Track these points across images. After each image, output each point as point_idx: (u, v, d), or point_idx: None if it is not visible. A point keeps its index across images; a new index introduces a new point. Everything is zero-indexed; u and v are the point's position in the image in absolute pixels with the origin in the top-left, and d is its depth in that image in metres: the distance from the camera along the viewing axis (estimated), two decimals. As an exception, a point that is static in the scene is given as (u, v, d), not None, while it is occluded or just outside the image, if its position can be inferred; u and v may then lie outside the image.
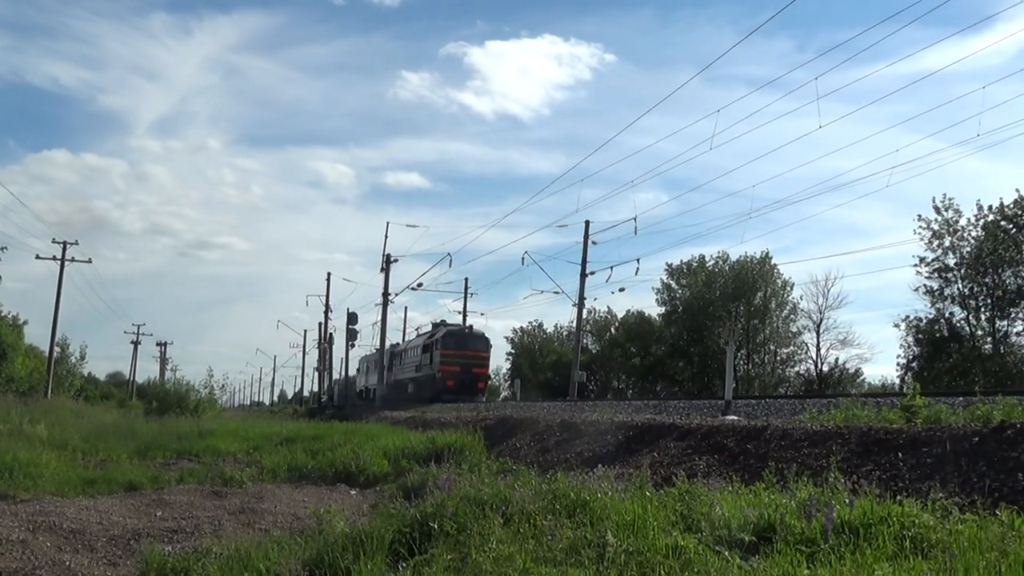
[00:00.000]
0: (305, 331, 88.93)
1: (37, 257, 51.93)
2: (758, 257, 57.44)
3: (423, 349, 47.59)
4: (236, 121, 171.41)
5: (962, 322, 41.84)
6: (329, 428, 25.59)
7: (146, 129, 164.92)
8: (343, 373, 64.63)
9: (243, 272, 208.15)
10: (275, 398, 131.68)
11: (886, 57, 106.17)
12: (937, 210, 41.31)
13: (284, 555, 7.64)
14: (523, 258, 43.02)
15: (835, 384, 49.43)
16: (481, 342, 45.90)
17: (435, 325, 49.71)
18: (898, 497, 6.76)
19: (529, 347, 77.23)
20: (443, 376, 43.13)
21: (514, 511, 7.48)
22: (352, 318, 58.05)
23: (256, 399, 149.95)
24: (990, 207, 39.53)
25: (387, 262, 50.72)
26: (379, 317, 51.92)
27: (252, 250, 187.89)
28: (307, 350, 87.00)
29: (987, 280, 40.33)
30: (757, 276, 57.49)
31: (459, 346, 44.20)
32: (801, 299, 56.14)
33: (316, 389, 74.05)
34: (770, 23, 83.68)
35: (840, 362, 52.80)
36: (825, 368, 53.11)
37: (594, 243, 42.39)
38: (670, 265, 61.01)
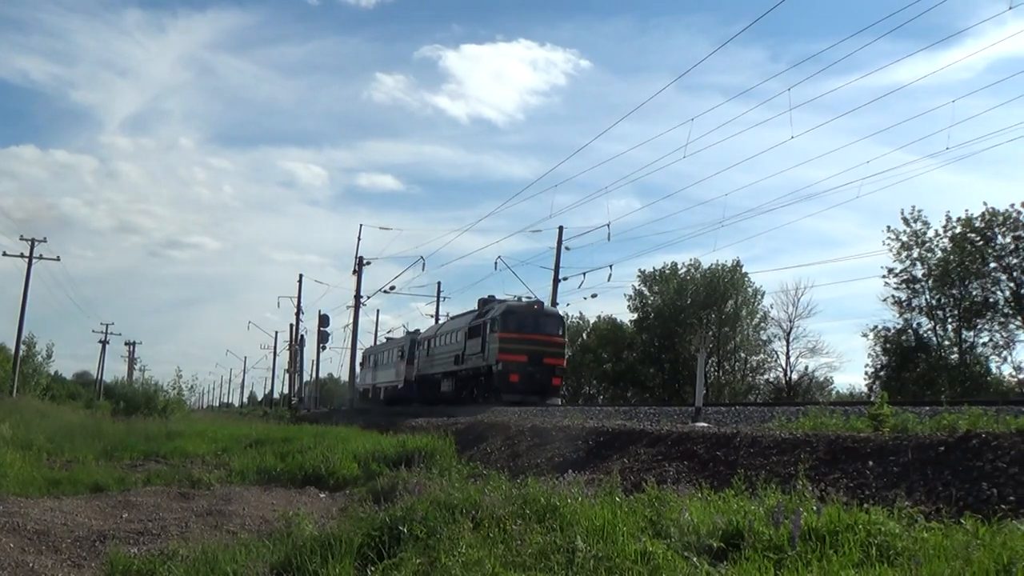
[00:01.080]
0: (276, 332, 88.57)
1: (4, 254, 51.33)
2: (729, 265, 57.90)
3: (468, 333, 35.67)
4: (209, 120, 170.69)
5: (929, 332, 42.39)
6: (299, 430, 25.42)
7: (117, 126, 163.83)
8: (314, 374, 64.36)
9: (214, 272, 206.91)
10: (245, 400, 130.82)
11: (858, 69, 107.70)
12: (906, 221, 41.86)
13: (251, 558, 7.59)
14: (496, 263, 42.10)
15: (804, 392, 49.74)
16: (555, 322, 34.26)
17: (483, 302, 37.54)
18: (865, 505, 6.82)
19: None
20: (504, 369, 31.68)
21: (484, 516, 7.49)
22: (324, 320, 57.93)
23: (225, 400, 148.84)
24: (958, 219, 40.12)
25: (360, 264, 50.55)
26: (351, 320, 51.59)
27: (223, 250, 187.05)
28: (278, 351, 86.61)
29: (954, 291, 40.86)
30: (728, 284, 57.87)
31: (526, 327, 32.51)
32: (771, 308, 56.56)
33: (287, 391, 73.70)
34: (744, 33, 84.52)
35: (809, 370, 53.24)
36: (794, 376, 53.53)
37: (567, 249, 42.30)
38: (642, 272, 61.31)
